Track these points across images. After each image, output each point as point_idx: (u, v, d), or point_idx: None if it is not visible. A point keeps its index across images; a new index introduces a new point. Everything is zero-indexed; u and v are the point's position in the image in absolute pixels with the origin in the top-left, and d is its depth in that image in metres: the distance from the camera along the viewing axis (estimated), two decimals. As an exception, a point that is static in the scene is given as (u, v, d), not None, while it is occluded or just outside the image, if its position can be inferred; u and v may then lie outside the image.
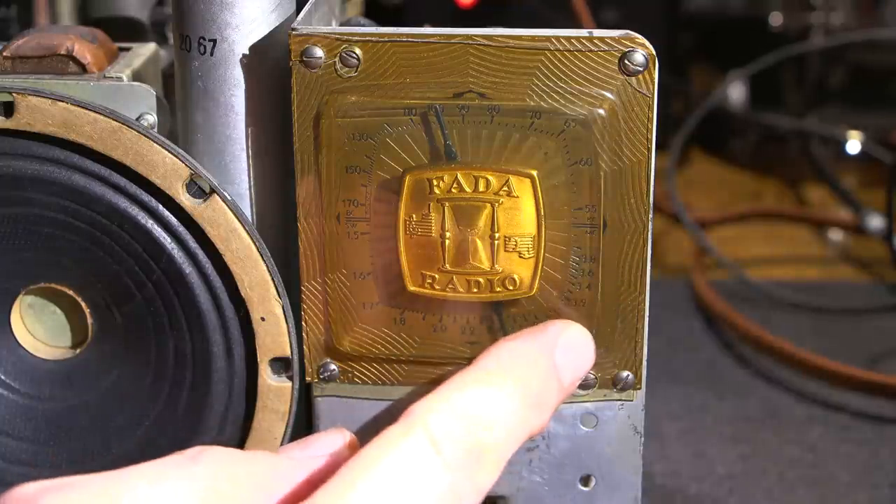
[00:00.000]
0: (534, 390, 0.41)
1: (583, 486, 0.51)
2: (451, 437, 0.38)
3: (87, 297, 0.50)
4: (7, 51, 0.51)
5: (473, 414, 0.39)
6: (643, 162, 0.47)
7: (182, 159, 0.47)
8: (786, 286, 0.85)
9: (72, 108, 0.48)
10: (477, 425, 0.39)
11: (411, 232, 0.47)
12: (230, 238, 0.48)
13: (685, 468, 0.65)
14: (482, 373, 0.41)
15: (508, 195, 0.46)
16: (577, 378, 0.45)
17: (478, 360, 0.42)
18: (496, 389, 0.40)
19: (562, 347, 0.44)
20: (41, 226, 0.49)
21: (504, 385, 0.41)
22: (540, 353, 0.43)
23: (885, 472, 0.65)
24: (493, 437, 0.39)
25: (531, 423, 0.41)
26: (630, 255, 0.48)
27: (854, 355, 0.75)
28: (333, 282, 0.48)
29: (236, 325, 0.49)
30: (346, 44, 0.46)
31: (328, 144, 0.47)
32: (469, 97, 0.46)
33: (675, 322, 0.81)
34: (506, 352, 0.42)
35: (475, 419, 0.39)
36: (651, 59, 0.46)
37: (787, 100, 1.08)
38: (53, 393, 0.51)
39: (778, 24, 1.09)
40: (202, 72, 0.48)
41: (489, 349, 0.43)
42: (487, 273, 0.47)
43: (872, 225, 0.89)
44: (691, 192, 0.99)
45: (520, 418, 0.40)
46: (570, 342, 0.44)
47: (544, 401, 0.42)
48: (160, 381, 0.50)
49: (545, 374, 0.42)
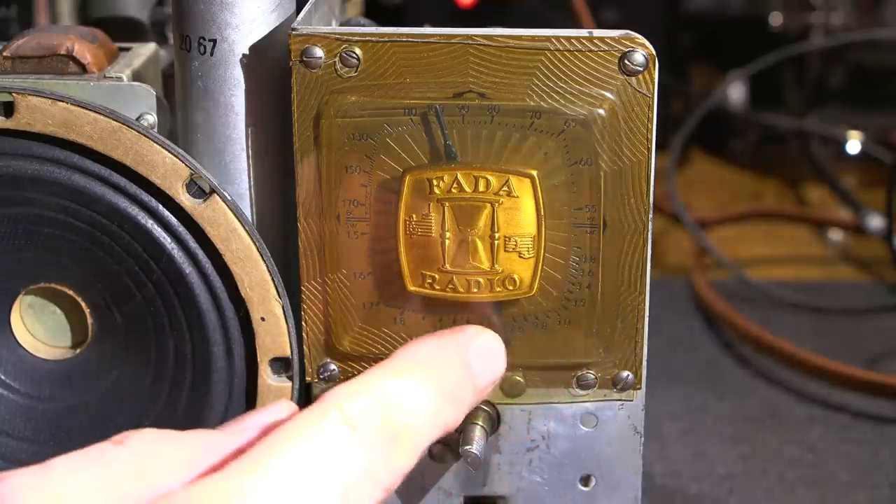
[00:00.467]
0: (448, 385, 0.42)
1: (583, 486, 0.51)
2: (366, 417, 0.39)
3: (87, 297, 0.50)
4: (7, 51, 0.51)
5: (389, 400, 0.40)
6: (643, 162, 0.47)
7: (182, 159, 0.47)
8: (786, 286, 0.85)
9: (72, 108, 0.48)
10: (392, 409, 0.40)
11: (411, 232, 0.47)
12: (230, 238, 0.48)
13: (685, 468, 0.65)
14: (398, 364, 0.42)
15: (508, 195, 0.46)
16: (491, 382, 0.45)
17: (393, 354, 0.42)
18: (411, 379, 0.41)
19: (475, 349, 0.44)
20: (41, 226, 0.49)
21: (419, 376, 0.41)
22: (455, 351, 0.44)
23: (885, 472, 0.65)
24: (408, 422, 0.40)
25: (446, 417, 0.42)
26: (630, 255, 0.48)
27: (854, 355, 0.75)
28: (333, 282, 0.48)
29: (236, 325, 0.49)
30: (346, 44, 0.46)
31: (328, 144, 0.47)
32: (469, 97, 0.46)
33: (675, 322, 0.81)
34: (421, 347, 0.43)
35: (390, 404, 0.40)
36: (651, 59, 0.46)
37: (787, 100, 1.08)
38: (53, 393, 0.51)
39: (778, 24, 1.09)
40: (202, 72, 0.48)
41: (404, 346, 0.43)
42: (487, 273, 0.47)
43: (872, 225, 0.89)
44: (691, 192, 0.99)
45: (435, 408, 0.41)
46: (483, 345, 0.45)
47: (459, 397, 0.43)
48: (160, 381, 0.50)
49: (460, 371, 0.43)
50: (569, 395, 0.50)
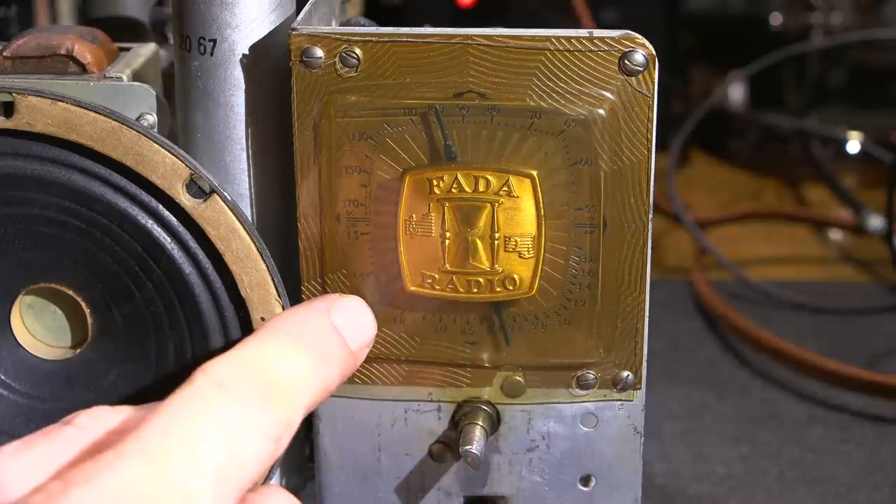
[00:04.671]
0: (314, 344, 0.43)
1: (583, 486, 0.51)
2: (237, 378, 0.40)
3: (86, 297, 0.50)
4: (7, 51, 0.51)
5: (258, 361, 0.41)
6: (643, 162, 0.47)
7: (182, 159, 0.47)
8: (786, 286, 0.85)
9: (72, 108, 0.48)
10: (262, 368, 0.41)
11: (411, 232, 0.47)
12: (230, 238, 0.48)
13: (685, 468, 0.65)
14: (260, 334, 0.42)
15: (508, 195, 0.46)
16: (364, 340, 0.45)
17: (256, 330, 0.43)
18: (274, 341, 0.42)
19: (336, 311, 0.45)
20: (41, 226, 0.49)
21: (283, 339, 0.42)
22: (315, 314, 0.44)
23: (885, 472, 0.65)
24: (281, 377, 0.41)
25: (320, 374, 0.42)
26: (630, 255, 0.48)
27: (854, 355, 0.75)
28: (333, 282, 0.48)
29: (236, 325, 0.49)
30: (346, 44, 0.46)
31: (328, 144, 0.47)
32: (469, 97, 0.46)
33: (675, 322, 0.81)
34: (281, 318, 0.43)
35: (259, 364, 0.41)
36: (651, 59, 0.46)
37: (787, 100, 1.08)
38: (53, 393, 0.51)
39: (778, 24, 1.09)
40: (202, 72, 0.48)
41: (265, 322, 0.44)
42: (487, 273, 0.47)
43: (872, 225, 0.89)
44: (691, 192, 0.99)
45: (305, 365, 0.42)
46: (343, 306, 0.45)
47: (329, 355, 0.43)
48: (160, 381, 0.50)
49: (323, 328, 0.44)
50: (569, 395, 0.50)
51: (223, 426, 0.38)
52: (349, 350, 0.44)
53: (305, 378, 0.42)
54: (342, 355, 0.44)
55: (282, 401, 0.40)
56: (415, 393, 0.50)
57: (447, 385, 0.50)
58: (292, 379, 0.41)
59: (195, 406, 0.39)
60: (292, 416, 0.40)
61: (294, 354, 0.42)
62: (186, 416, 0.38)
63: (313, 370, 0.42)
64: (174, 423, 0.38)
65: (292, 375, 0.41)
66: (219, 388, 0.39)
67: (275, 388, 0.40)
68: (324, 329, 0.44)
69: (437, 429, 0.50)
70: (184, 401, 0.39)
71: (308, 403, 0.41)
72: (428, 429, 0.50)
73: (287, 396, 0.40)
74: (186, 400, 0.39)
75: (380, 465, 0.51)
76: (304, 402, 0.41)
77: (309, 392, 0.41)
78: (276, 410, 0.40)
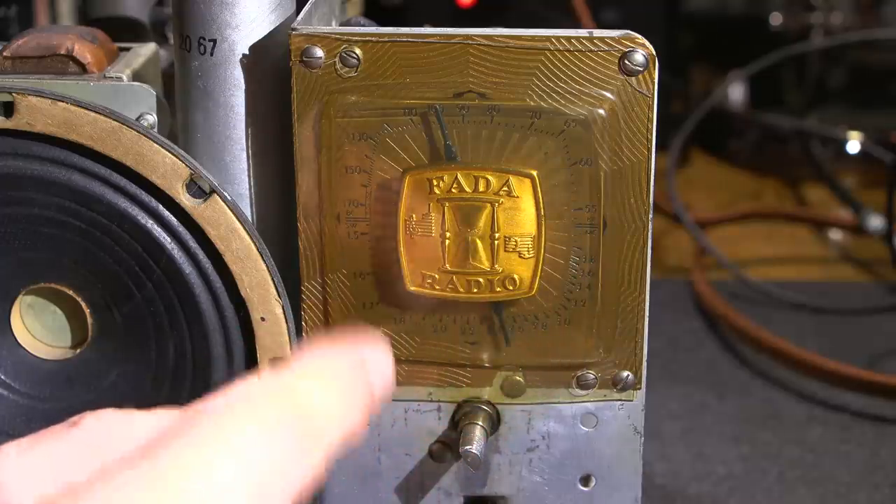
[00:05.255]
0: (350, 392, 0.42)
1: (583, 486, 0.51)
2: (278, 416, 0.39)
3: (86, 297, 0.50)
4: (7, 51, 0.51)
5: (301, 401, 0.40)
6: (643, 162, 0.47)
7: (182, 159, 0.47)
8: (786, 286, 0.85)
9: (72, 108, 0.48)
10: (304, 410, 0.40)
11: (411, 232, 0.47)
12: (230, 238, 0.48)
13: (685, 468, 0.65)
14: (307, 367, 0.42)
15: (508, 195, 0.46)
16: (385, 396, 0.45)
17: (298, 357, 0.43)
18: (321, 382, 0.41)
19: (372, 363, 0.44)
20: (41, 226, 0.49)
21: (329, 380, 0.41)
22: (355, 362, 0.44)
23: (886, 472, 0.65)
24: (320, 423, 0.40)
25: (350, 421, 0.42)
26: (630, 255, 0.48)
27: (854, 355, 0.75)
28: (333, 282, 0.48)
29: (236, 325, 0.49)
30: (346, 44, 0.46)
31: (328, 144, 0.47)
32: (469, 97, 0.46)
33: (675, 322, 0.81)
34: (321, 354, 0.43)
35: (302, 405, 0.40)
36: (651, 59, 0.46)
37: (787, 100, 1.08)
38: (53, 393, 0.51)
39: (778, 24, 1.09)
40: (202, 72, 0.48)
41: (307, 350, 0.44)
42: (487, 273, 0.47)
43: (872, 225, 0.89)
44: (691, 192, 0.99)
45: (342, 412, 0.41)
46: (378, 359, 0.45)
47: (359, 405, 0.43)
48: (160, 381, 0.50)
49: (359, 382, 0.43)
50: (569, 395, 0.50)
51: (255, 469, 0.37)
52: (372, 403, 0.44)
53: (339, 428, 0.41)
54: (366, 408, 0.43)
55: (316, 450, 0.39)
56: (415, 393, 0.50)
57: (447, 385, 0.50)
58: (329, 426, 0.40)
59: (232, 441, 0.38)
60: (319, 465, 0.40)
61: (334, 399, 0.41)
62: (220, 449, 0.37)
63: (346, 420, 0.41)
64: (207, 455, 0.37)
65: (330, 421, 0.40)
66: (257, 426, 0.38)
67: (312, 437, 0.39)
68: (360, 381, 0.43)
69: (436, 429, 0.50)
70: (222, 428, 0.38)
71: (332, 449, 0.41)
72: (428, 429, 0.50)
73: (322, 446, 0.40)
74: (224, 430, 0.38)
75: (380, 464, 0.51)
76: (331, 449, 0.40)
77: (336, 441, 0.41)
78: (308, 458, 0.39)
